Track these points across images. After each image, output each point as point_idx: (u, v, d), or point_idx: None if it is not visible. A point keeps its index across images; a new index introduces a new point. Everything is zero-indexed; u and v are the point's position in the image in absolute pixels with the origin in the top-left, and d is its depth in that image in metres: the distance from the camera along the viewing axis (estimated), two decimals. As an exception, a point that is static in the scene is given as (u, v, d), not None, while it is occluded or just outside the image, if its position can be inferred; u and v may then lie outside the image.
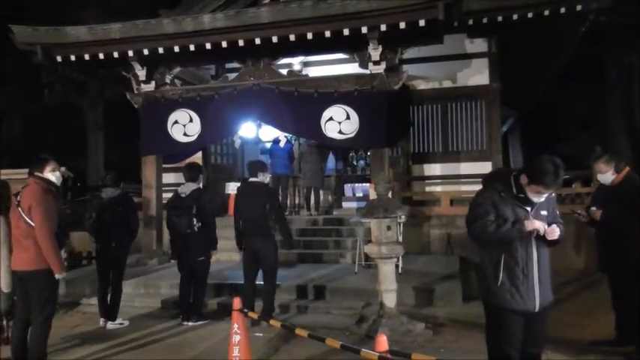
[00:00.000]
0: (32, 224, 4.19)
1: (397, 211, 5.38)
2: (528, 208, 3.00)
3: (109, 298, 5.89)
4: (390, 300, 5.21)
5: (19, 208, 4.22)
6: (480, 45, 9.44)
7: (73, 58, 8.02)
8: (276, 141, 10.11)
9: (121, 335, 5.45)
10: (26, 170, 4.53)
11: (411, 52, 8.13)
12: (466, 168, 9.24)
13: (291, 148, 10.24)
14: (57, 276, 4.27)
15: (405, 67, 8.34)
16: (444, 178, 9.43)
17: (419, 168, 9.53)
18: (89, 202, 6.54)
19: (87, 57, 7.97)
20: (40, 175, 4.34)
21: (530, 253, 2.99)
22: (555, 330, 3.32)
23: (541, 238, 3.01)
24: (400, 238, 6.15)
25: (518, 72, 10.24)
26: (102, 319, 5.81)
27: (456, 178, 9.33)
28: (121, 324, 5.78)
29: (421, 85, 9.53)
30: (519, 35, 8.54)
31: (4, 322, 4.65)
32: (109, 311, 5.82)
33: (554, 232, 2.97)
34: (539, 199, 2.99)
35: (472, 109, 9.40)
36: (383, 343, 2.85)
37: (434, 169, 9.50)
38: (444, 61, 9.37)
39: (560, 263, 5.60)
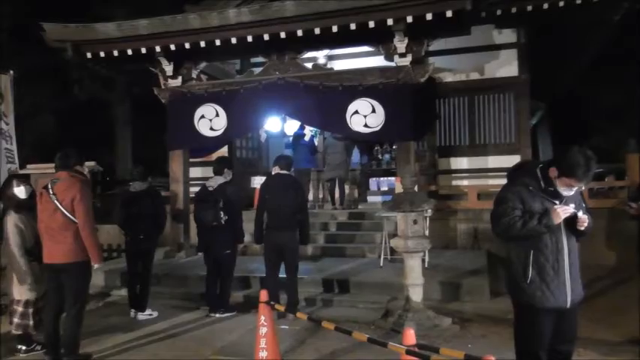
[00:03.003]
0: (71, 217, 4.30)
1: (423, 204, 5.33)
2: (557, 202, 2.93)
3: (138, 290, 6.00)
4: (416, 294, 5.18)
5: (56, 201, 4.32)
6: (508, 35, 9.26)
7: (102, 54, 8.16)
8: (298, 135, 10.13)
9: (151, 326, 5.56)
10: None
11: (437, 44, 8.01)
12: (494, 161, 9.09)
13: (313, 142, 10.24)
14: (96, 266, 4.43)
15: (432, 59, 8.23)
16: (471, 172, 9.31)
17: (445, 161, 9.42)
18: (118, 196, 6.68)
19: (115, 53, 8.10)
20: (78, 168, 4.46)
21: (560, 248, 2.92)
22: (585, 327, 3.25)
23: (571, 232, 2.94)
24: (426, 232, 6.10)
25: (548, 62, 10.01)
26: (132, 310, 5.94)
27: (483, 171, 9.19)
28: (150, 315, 5.89)
29: (448, 78, 9.40)
30: (550, 25, 8.35)
31: (30, 311, 4.78)
32: (139, 302, 5.94)
33: (586, 220, 2.89)
34: (569, 192, 2.92)
35: (500, 101, 9.24)
36: (410, 336, 2.84)
37: (460, 162, 9.39)
38: (472, 53, 9.22)
39: (590, 259, 5.46)
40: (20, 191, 4.83)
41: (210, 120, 8.39)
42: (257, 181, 9.39)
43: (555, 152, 9.98)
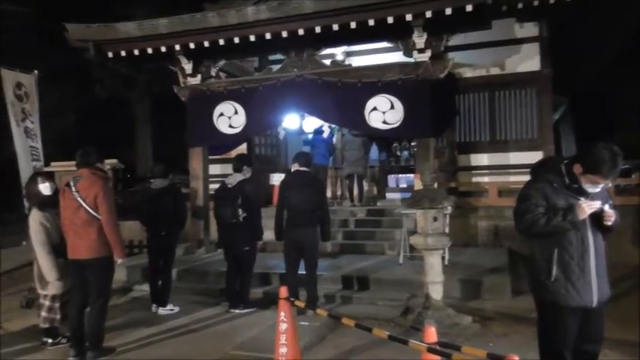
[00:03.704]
0: (94, 214, 4.37)
1: (443, 201, 5.30)
2: (582, 199, 2.87)
3: (159, 285, 6.08)
4: (436, 292, 5.15)
5: (79, 198, 4.39)
6: (530, 29, 9.11)
7: (123, 53, 8.25)
8: (317, 132, 10.13)
9: (172, 321, 5.64)
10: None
11: (457, 39, 7.93)
12: (515, 158, 8.97)
13: (331, 140, 10.23)
14: (119, 261, 4.54)
15: (451, 54, 8.14)
16: (492, 169, 9.20)
17: (465, 158, 9.32)
18: (139, 193, 6.76)
19: (136, 52, 8.18)
20: (99, 165, 4.54)
21: (586, 245, 2.87)
22: (610, 328, 3.18)
23: (597, 229, 2.88)
24: (446, 230, 6.06)
25: (571, 56, 9.84)
26: (154, 305, 6.02)
27: (504, 168, 9.08)
28: (171, 310, 5.97)
29: (468, 73, 9.30)
30: (574, 17, 8.18)
31: (56, 305, 4.87)
32: (160, 297, 6.02)
33: (612, 214, 2.83)
34: (595, 189, 2.87)
35: (521, 96, 9.11)
36: (432, 334, 2.83)
37: (481, 159, 9.28)
38: (492, 47, 9.10)
39: (616, 257, 5.34)
40: (45, 188, 4.92)
41: (229, 117, 8.43)
42: (276, 178, 9.43)
43: (579, 148, 9.79)
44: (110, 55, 8.33)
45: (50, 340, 4.86)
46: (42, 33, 13.51)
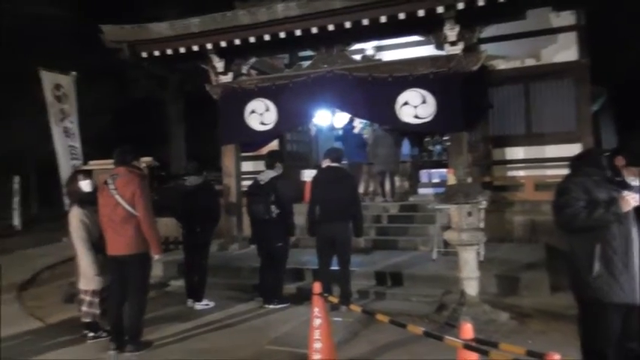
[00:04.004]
0: (132, 211, 4.47)
1: (478, 196, 5.22)
2: (625, 192, 2.78)
3: (195, 280, 6.17)
4: (471, 288, 5.07)
5: (117, 196, 4.50)
6: (566, 18, 8.83)
7: (156, 53, 8.41)
8: (347, 128, 10.10)
9: (207, 315, 5.72)
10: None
11: (489, 31, 7.78)
12: (552, 151, 8.73)
13: (361, 135, 10.19)
14: (156, 257, 4.66)
15: (484, 46, 7.99)
16: (528, 162, 8.98)
17: (500, 152, 9.14)
18: (174, 190, 6.88)
19: (169, 52, 8.33)
20: (135, 163, 4.65)
21: (630, 240, 2.77)
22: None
23: (640, 224, 2.79)
24: (481, 225, 5.95)
25: (610, 45, 9.51)
26: (189, 300, 6.12)
27: (540, 161, 8.85)
28: (206, 305, 6.05)
29: (501, 65, 9.09)
30: (612, 4, 7.91)
31: (96, 300, 5.01)
32: (196, 292, 6.11)
33: None
34: (638, 182, 2.77)
35: (558, 87, 8.85)
36: (468, 330, 2.78)
37: (516, 152, 9.07)
38: (527, 38, 8.85)
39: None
40: (86, 184, 5.05)
41: (261, 114, 8.50)
42: (307, 175, 9.44)
43: (621, 140, 9.48)
44: (144, 55, 8.51)
45: (91, 334, 5.00)
46: (79, 35, 13.87)
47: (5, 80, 14.40)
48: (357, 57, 8.35)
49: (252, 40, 7.86)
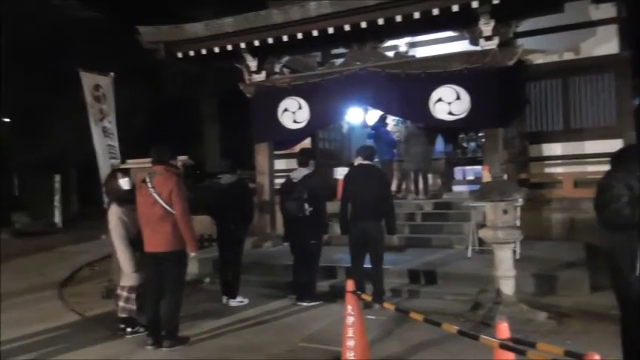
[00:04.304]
0: (169, 209, 4.57)
1: (514, 193, 5.11)
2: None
3: (229, 278, 6.25)
4: (507, 287, 4.98)
5: (155, 194, 4.60)
6: (606, 10, 8.55)
7: (191, 53, 8.56)
8: (377, 126, 10.07)
9: (242, 312, 5.79)
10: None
11: (526, 24, 7.59)
12: (591, 147, 8.47)
13: (390, 135, 10.16)
14: (192, 254, 4.73)
15: (520, 40, 7.80)
16: (566, 158, 8.74)
17: (537, 148, 8.92)
18: (209, 188, 6.98)
19: (203, 52, 8.47)
20: (172, 162, 4.74)
21: (676, 238, 2.68)
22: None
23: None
24: (518, 223, 5.84)
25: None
26: (224, 297, 6.21)
27: (579, 157, 8.60)
28: (241, 302, 6.13)
29: (538, 59, 8.87)
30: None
31: (133, 296, 5.12)
32: (230, 290, 6.19)
33: None
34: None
35: (598, 81, 8.58)
36: (504, 330, 2.73)
37: (554, 148, 8.84)
38: (565, 32, 8.61)
39: None
40: (125, 182, 5.18)
41: (294, 113, 8.54)
42: (340, 172, 9.45)
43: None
44: (179, 55, 8.67)
45: (129, 329, 5.12)
46: (116, 36, 14.23)
47: (47, 81, 14.90)
48: (390, 54, 8.30)
49: (284, 38, 7.91)
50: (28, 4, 10.55)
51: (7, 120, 18.16)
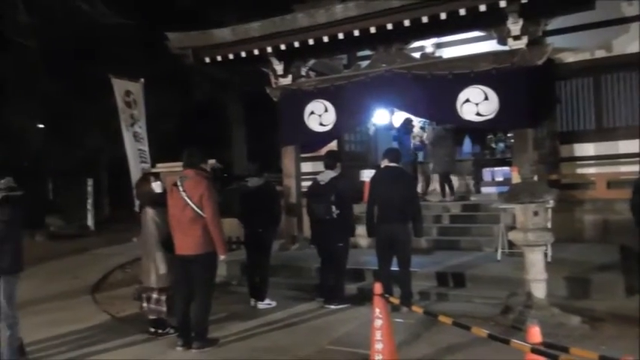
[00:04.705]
0: (200, 212, 4.64)
1: (545, 195, 5.02)
2: None
3: (257, 280, 6.30)
4: (538, 290, 4.89)
5: (186, 197, 4.68)
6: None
7: (219, 58, 8.69)
8: (401, 129, 10.05)
9: (270, 315, 5.83)
10: (180, 163, 5.02)
11: (556, 22, 7.46)
12: (625, 146, 8.22)
13: (408, 140, 10.16)
14: (222, 257, 4.83)
15: (550, 39, 7.66)
16: (599, 159, 8.51)
17: (568, 148, 8.72)
18: (236, 191, 7.06)
19: (230, 56, 8.59)
20: (202, 166, 4.83)
21: None
22: None
23: None
24: (549, 225, 5.72)
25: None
26: (252, 299, 6.25)
27: (612, 157, 8.36)
28: (269, 304, 6.17)
29: (569, 58, 8.67)
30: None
31: (163, 297, 5.20)
32: (258, 292, 6.24)
33: None
34: None
35: (632, 79, 8.32)
36: (535, 334, 2.69)
37: (586, 148, 8.62)
38: (596, 29, 8.40)
39: None
40: (157, 186, 5.29)
41: (320, 115, 8.57)
42: (366, 175, 9.42)
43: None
44: (207, 60, 8.80)
45: (159, 331, 5.21)
46: (145, 42, 14.51)
47: (79, 88, 15.29)
48: (416, 55, 8.24)
49: (310, 42, 7.95)
50: (60, 12, 10.86)
51: (41, 126, 18.69)
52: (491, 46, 7.87)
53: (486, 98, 7.29)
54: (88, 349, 4.93)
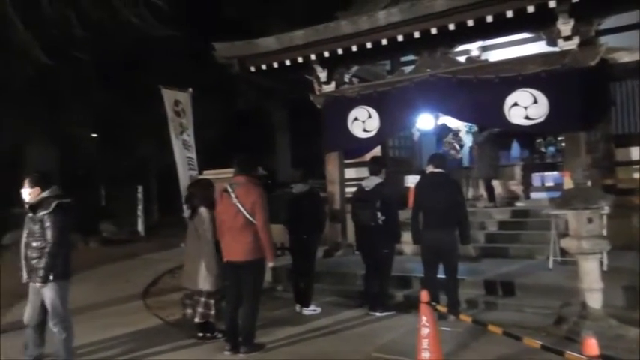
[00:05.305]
0: (251, 219, 4.73)
1: (599, 201, 4.83)
2: None
3: (302, 286, 6.33)
4: (594, 300, 4.70)
5: (239, 204, 4.76)
6: (701, 3, 7.91)
7: (263, 66, 8.83)
8: (439, 133, 9.93)
9: (315, 321, 5.84)
10: (227, 170, 5.13)
11: (609, 21, 7.19)
12: (685, 149, 7.84)
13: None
14: (270, 264, 4.93)
15: (604, 38, 7.39)
16: (657, 163, 8.13)
17: (624, 152, 8.35)
18: (281, 198, 7.13)
19: (275, 65, 8.70)
20: (255, 174, 4.92)
21: None
22: None
23: None
24: (604, 232, 5.50)
25: None
26: (297, 305, 6.29)
27: (672, 161, 7.99)
28: (313, 310, 6.18)
29: (624, 58, 8.29)
30: None
31: (212, 301, 5.29)
32: (303, 298, 6.27)
33: None
34: None
35: (693, 79, 7.94)
36: (592, 346, 2.59)
37: (643, 152, 8.25)
38: (653, 27, 8.06)
39: None
40: (214, 191, 5.41)
41: (363, 122, 8.56)
42: (411, 181, 9.33)
43: None
44: (252, 69, 8.96)
45: (208, 334, 5.30)
46: (192, 53, 14.90)
47: (131, 97, 15.85)
48: (462, 59, 8.13)
49: (354, 48, 7.97)
50: (112, 25, 11.33)
51: (94, 135, 19.47)
52: (539, 47, 7.68)
53: (535, 101, 7.09)
54: (139, 353, 5.07)
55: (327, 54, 8.25)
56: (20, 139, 15.97)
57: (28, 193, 4.49)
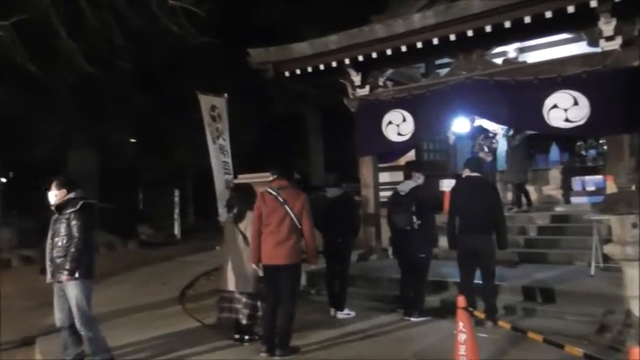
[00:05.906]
0: (298, 223, 4.79)
1: (645, 206, 4.66)
2: None
3: (336, 290, 6.33)
4: (638, 308, 4.54)
5: (287, 207, 4.79)
6: None
7: (298, 71, 8.90)
8: (472, 136, 9.78)
9: (350, 325, 5.82)
10: (263, 174, 5.18)
11: (653, 20, 6.95)
12: None
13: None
14: (312, 267, 5.00)
15: (648, 38, 7.16)
16: None
17: (669, 155, 8.06)
18: (315, 201, 7.15)
19: (309, 69, 8.77)
20: (294, 177, 4.99)
21: None
22: None
23: None
24: (650, 238, 5.30)
25: None
26: (332, 309, 6.29)
27: None
28: (348, 314, 6.17)
29: (669, 57, 8.04)
30: None
31: (251, 303, 5.33)
32: (338, 302, 6.26)
33: None
34: None
35: None
36: (637, 355, 2.50)
37: (692, 154, 7.93)
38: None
39: None
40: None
41: (398, 125, 8.52)
42: (446, 184, 9.22)
43: None
44: (286, 74, 9.05)
45: (245, 337, 5.35)
46: (227, 59, 15.15)
47: (168, 103, 16.23)
48: (499, 61, 8.00)
49: (388, 52, 7.95)
50: (152, 34, 11.66)
51: (133, 140, 20.00)
52: (579, 48, 7.51)
53: (576, 103, 6.92)
54: (177, 354, 5.13)
55: (361, 58, 8.26)
56: (63, 144, 16.56)
57: (54, 195, 4.61)
